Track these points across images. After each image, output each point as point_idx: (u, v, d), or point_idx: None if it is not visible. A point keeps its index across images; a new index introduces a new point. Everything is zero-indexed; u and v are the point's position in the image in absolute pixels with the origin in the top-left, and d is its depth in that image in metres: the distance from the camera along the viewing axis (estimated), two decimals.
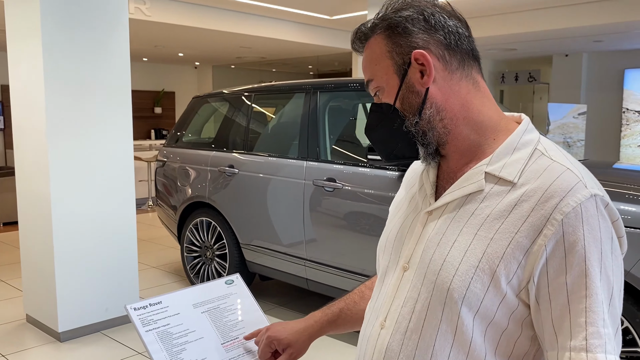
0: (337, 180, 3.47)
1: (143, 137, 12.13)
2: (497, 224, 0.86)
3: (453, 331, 0.87)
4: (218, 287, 1.26)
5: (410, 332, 0.91)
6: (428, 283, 0.90)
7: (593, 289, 0.80)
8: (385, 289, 0.99)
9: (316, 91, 3.84)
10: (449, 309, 0.87)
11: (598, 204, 0.82)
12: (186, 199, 4.54)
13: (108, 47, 3.71)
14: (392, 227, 1.05)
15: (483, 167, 0.90)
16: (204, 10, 7.40)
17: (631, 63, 10.26)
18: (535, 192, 0.84)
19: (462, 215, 0.90)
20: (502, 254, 0.84)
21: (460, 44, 0.93)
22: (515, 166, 0.88)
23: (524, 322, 0.87)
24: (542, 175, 0.85)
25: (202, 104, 4.88)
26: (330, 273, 3.55)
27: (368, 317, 1.02)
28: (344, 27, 9.15)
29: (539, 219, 0.82)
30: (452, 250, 0.89)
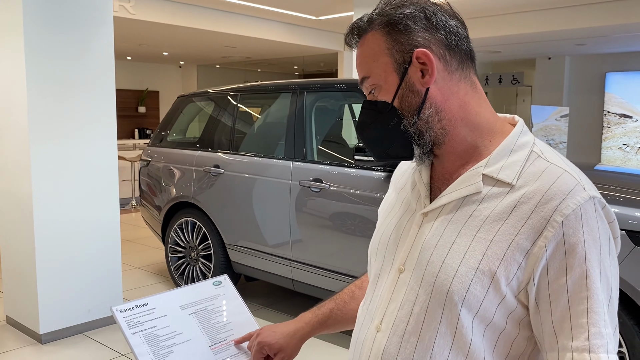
0: (324, 181, 3.47)
1: (126, 136, 12.01)
2: (496, 226, 0.86)
3: (452, 333, 0.87)
4: (206, 289, 1.24)
5: (408, 335, 0.90)
6: (426, 285, 0.89)
7: (594, 289, 0.81)
8: (380, 291, 0.97)
9: (303, 91, 3.83)
10: (449, 311, 0.86)
11: (596, 206, 0.83)
12: (171, 199, 4.50)
13: (92, 46, 3.66)
14: (384, 229, 1.03)
15: (480, 169, 0.90)
16: (188, 9, 7.35)
17: (612, 66, 10.41)
18: (534, 194, 0.84)
19: (460, 217, 0.89)
20: (502, 256, 0.84)
21: (460, 45, 0.92)
22: (513, 168, 0.88)
23: (521, 323, 0.87)
24: (540, 178, 0.85)
25: (187, 104, 4.85)
26: (316, 274, 3.54)
27: (362, 319, 1.00)
28: (330, 28, 9.15)
29: (539, 221, 0.82)
30: (450, 252, 0.88)
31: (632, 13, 6.86)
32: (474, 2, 7.04)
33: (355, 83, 3.56)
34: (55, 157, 3.55)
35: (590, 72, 10.67)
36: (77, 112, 3.63)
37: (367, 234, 3.23)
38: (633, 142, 10.26)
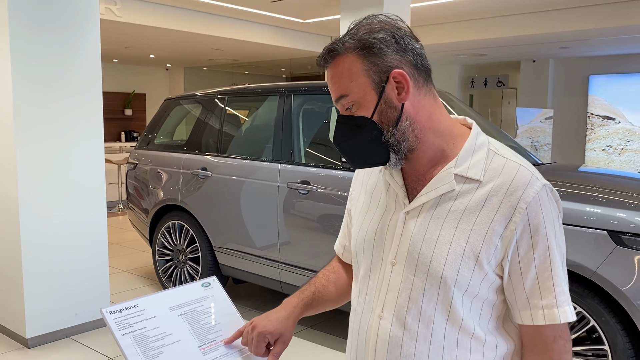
0: (311, 183, 3.49)
1: (113, 139, 11.94)
2: (473, 217, 1.02)
3: (447, 309, 1.03)
4: (194, 290, 1.26)
5: (410, 318, 1.05)
6: (420, 274, 1.04)
7: (554, 259, 1.02)
8: (374, 283, 1.11)
9: (290, 94, 3.85)
10: (444, 293, 1.03)
11: (547, 191, 1.03)
12: (158, 202, 4.49)
13: (78, 48, 3.65)
14: (366, 228, 1.15)
15: (451, 170, 1.05)
16: (175, 12, 7.33)
17: (595, 69, 10.56)
18: (500, 187, 1.02)
19: (440, 212, 1.05)
20: (482, 241, 1.01)
21: (424, 64, 1.06)
22: (478, 166, 1.05)
23: (498, 290, 1.06)
24: (502, 173, 1.03)
25: (175, 106, 4.84)
26: (304, 275, 3.55)
27: (360, 311, 1.14)
28: (317, 31, 9.18)
29: (507, 209, 1.01)
30: (438, 243, 1.03)
31: (614, 17, 6.97)
32: (459, 6, 7.11)
33: None
34: (41, 159, 3.54)
35: (574, 75, 10.81)
36: (64, 115, 3.62)
37: None
38: (616, 144, 10.40)
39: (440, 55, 10.23)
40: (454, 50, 9.53)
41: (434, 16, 7.78)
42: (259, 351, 1.21)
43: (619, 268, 2.41)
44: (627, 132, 10.27)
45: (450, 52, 9.70)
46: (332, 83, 1.05)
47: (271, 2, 6.95)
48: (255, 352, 1.20)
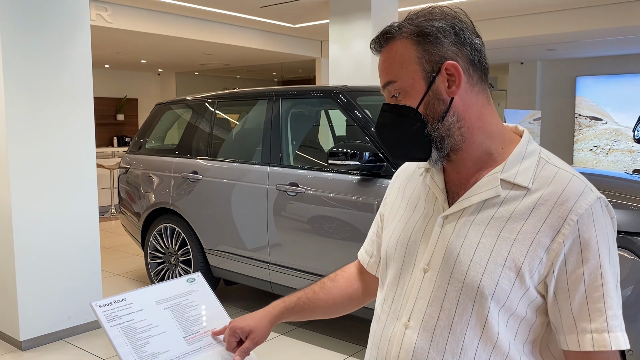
0: (300, 185, 3.56)
1: (105, 144, 11.97)
2: (518, 226, 0.95)
3: (482, 324, 0.96)
4: (180, 285, 1.33)
5: (440, 329, 0.98)
6: (455, 282, 0.98)
7: (607, 278, 0.92)
8: (402, 290, 1.05)
9: (279, 98, 3.92)
10: (479, 305, 0.95)
11: (602, 205, 0.95)
12: (150, 206, 4.55)
13: (69, 54, 3.71)
14: (400, 232, 1.10)
15: (498, 174, 0.99)
16: (166, 17, 7.40)
17: (582, 71, 10.70)
18: (550, 196, 0.95)
19: (482, 218, 0.98)
20: (526, 253, 0.94)
21: (481, 61, 1.01)
22: (527, 173, 0.98)
23: (538, 310, 0.98)
24: (553, 182, 0.96)
25: (165, 111, 4.91)
26: (294, 276, 3.62)
27: (384, 318, 1.08)
28: (307, 35, 9.27)
29: (556, 220, 0.93)
30: (477, 251, 0.97)
31: (600, 19, 7.09)
32: None
33: (329, 90, 3.66)
34: (34, 163, 3.59)
35: (561, 77, 10.95)
36: (55, 120, 3.68)
37: (342, 236, 3.33)
38: (603, 144, 10.55)
39: None
40: None
41: None
42: (228, 345, 1.24)
43: None
44: (614, 133, 10.42)
45: None
46: (383, 68, 1.01)
47: (261, 7, 7.03)
48: (226, 346, 1.25)
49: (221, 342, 1.27)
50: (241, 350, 1.22)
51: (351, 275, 1.32)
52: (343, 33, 6.47)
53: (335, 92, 3.60)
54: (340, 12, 6.49)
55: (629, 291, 2.44)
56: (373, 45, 1.02)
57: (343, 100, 3.53)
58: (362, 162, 3.16)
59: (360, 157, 3.17)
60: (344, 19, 6.45)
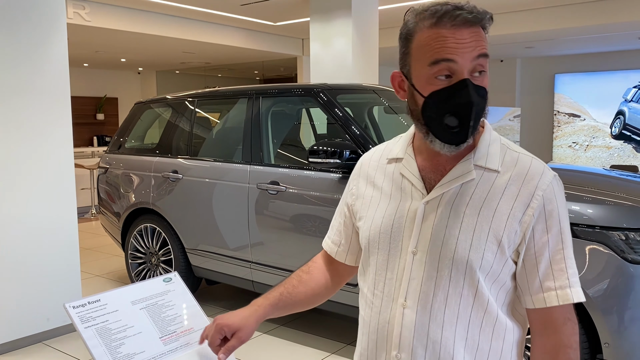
0: (281, 183, 3.55)
1: (85, 144, 11.83)
2: (494, 204, 1.08)
3: (474, 294, 1.07)
4: (156, 285, 1.32)
5: (437, 304, 1.07)
6: (445, 260, 1.07)
7: (566, 242, 1.09)
8: (393, 274, 1.12)
9: (259, 96, 3.91)
10: (470, 277, 1.06)
11: (558, 181, 1.11)
12: (130, 206, 4.51)
13: (45, 52, 3.66)
14: (381, 220, 1.15)
15: (471, 160, 1.10)
16: (145, 16, 7.33)
17: (561, 68, 10.84)
18: (518, 176, 1.09)
19: (461, 201, 1.09)
20: (504, 227, 1.06)
21: None
22: (495, 158, 1.11)
23: (512, 276, 1.11)
24: (517, 164, 1.10)
25: (145, 110, 4.86)
26: (276, 274, 3.62)
27: (379, 303, 1.14)
28: (288, 33, 9.25)
29: (526, 196, 1.07)
30: (461, 230, 1.07)
31: (578, 17, 7.19)
32: None
33: (309, 88, 3.66)
34: (9, 163, 3.53)
35: (540, 74, 11.08)
36: (31, 119, 3.62)
37: (324, 234, 3.33)
38: (582, 140, 10.70)
39: None
40: None
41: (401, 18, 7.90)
42: (212, 342, 1.22)
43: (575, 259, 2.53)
44: (592, 129, 10.57)
45: None
46: (477, 39, 1.03)
47: (241, 5, 7.00)
48: (210, 342, 1.23)
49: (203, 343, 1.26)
50: (226, 348, 1.21)
51: (322, 265, 1.37)
52: (324, 31, 6.47)
53: (315, 90, 3.60)
54: (320, 10, 6.48)
55: (605, 284, 2.48)
56: (465, 14, 1.02)
57: (323, 99, 3.53)
58: (342, 160, 3.17)
59: (341, 155, 3.17)
60: (325, 17, 6.44)
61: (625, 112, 10.09)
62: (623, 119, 10.15)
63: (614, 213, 2.57)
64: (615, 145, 10.28)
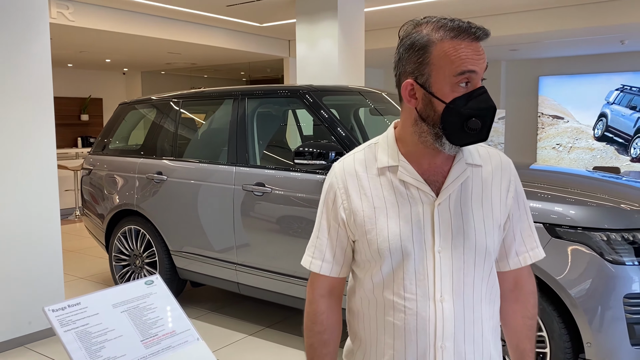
0: (266, 185, 3.54)
1: (69, 145, 11.70)
2: (488, 194, 1.25)
3: (488, 273, 1.24)
4: (138, 288, 1.31)
5: (468, 291, 1.21)
6: (469, 252, 1.21)
7: (529, 212, 1.33)
8: (423, 275, 1.20)
9: (244, 97, 3.90)
10: (488, 262, 1.23)
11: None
12: (114, 207, 4.47)
13: (27, 52, 3.61)
14: (398, 227, 1.20)
15: (463, 160, 1.23)
16: (130, 16, 7.28)
17: (545, 71, 10.94)
18: (496, 167, 1.27)
19: (465, 197, 1.22)
20: (500, 210, 1.25)
21: None
22: (475, 154, 1.26)
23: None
24: (490, 157, 1.28)
25: (129, 111, 4.83)
26: (261, 276, 3.61)
27: (414, 305, 1.19)
28: (274, 35, 9.24)
29: (506, 182, 1.27)
30: (475, 223, 1.21)
31: (562, 20, 7.26)
32: (411, 10, 7.28)
33: (295, 89, 3.66)
34: None
35: (525, 76, 11.18)
36: (13, 120, 3.57)
37: (309, 235, 3.32)
38: (565, 142, 10.81)
39: None
40: None
41: (387, 20, 7.94)
42: None
43: (554, 259, 2.55)
44: (575, 131, 10.69)
45: None
46: (482, 54, 1.16)
47: (227, 6, 6.98)
48: None
49: (182, 343, 1.26)
50: None
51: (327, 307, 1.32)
52: (310, 33, 6.48)
53: (301, 92, 3.60)
54: (306, 11, 6.49)
55: (587, 284, 2.50)
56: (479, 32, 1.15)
57: (309, 100, 3.53)
58: (328, 161, 3.17)
59: (327, 156, 3.17)
60: (311, 19, 6.45)
61: (608, 114, 10.21)
62: (605, 121, 10.27)
63: (595, 214, 2.60)
64: (598, 147, 10.40)
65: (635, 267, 2.50)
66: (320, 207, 1.32)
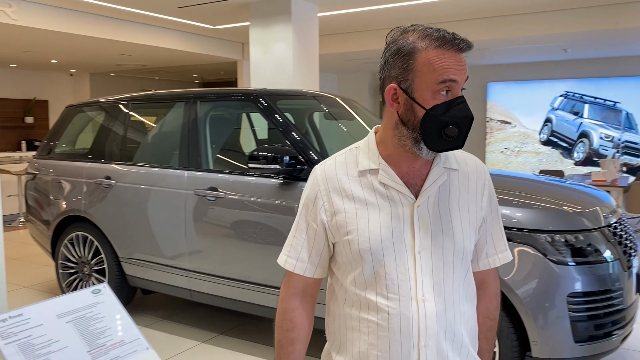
0: (220, 189, 3.50)
1: (12, 148, 11.25)
2: (465, 195, 1.29)
3: (465, 271, 1.29)
4: (84, 297, 1.27)
5: (449, 289, 1.24)
6: (448, 253, 1.24)
7: (500, 217, 1.39)
8: (404, 275, 1.22)
9: (196, 100, 3.85)
10: (466, 261, 1.28)
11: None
12: (60, 213, 4.32)
13: None
14: (378, 228, 1.23)
15: (441, 164, 1.27)
16: (77, 16, 7.07)
17: (493, 77, 11.28)
18: (472, 171, 1.32)
19: (443, 199, 1.26)
20: (475, 213, 1.30)
21: None
22: (451, 159, 1.30)
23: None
24: (466, 162, 1.33)
25: (77, 113, 4.68)
26: (215, 283, 3.56)
27: (396, 305, 1.22)
28: (228, 37, 9.16)
29: (481, 186, 1.32)
30: (453, 223, 1.25)
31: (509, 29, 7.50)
32: (364, 16, 7.37)
33: (249, 93, 3.63)
34: None
35: (474, 82, 11.49)
36: None
37: (264, 240, 3.31)
38: (513, 146, 11.17)
39: (350, 64, 10.52)
40: (362, 59, 9.84)
41: (341, 25, 8.01)
42: None
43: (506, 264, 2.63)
44: (522, 136, 11.05)
45: (359, 60, 10.00)
46: (463, 65, 1.20)
47: (179, 7, 6.87)
48: None
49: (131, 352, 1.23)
50: None
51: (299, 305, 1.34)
52: (264, 36, 6.46)
53: (254, 95, 3.58)
54: (260, 14, 6.47)
55: (533, 285, 2.59)
56: (462, 44, 1.19)
57: (263, 104, 3.52)
58: (282, 165, 3.16)
59: (281, 160, 3.16)
60: (265, 22, 6.43)
61: (553, 119, 10.61)
62: (551, 125, 10.66)
63: (540, 216, 2.70)
64: (544, 151, 10.79)
65: (577, 267, 2.60)
66: (300, 207, 1.34)
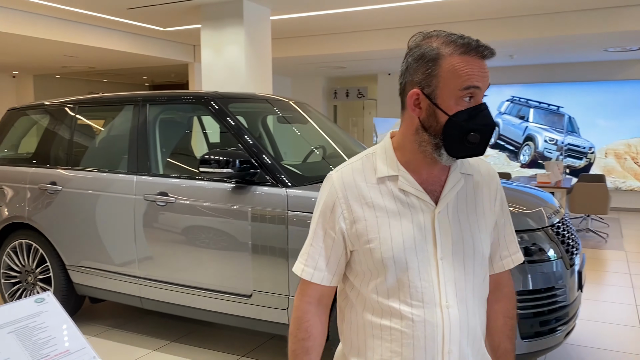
0: (170, 194, 3.44)
1: None
2: (480, 201, 1.31)
3: (485, 275, 1.31)
4: (27, 306, 1.21)
5: (471, 295, 1.25)
6: (469, 259, 1.25)
7: (511, 219, 1.41)
8: (427, 282, 1.22)
9: (145, 104, 3.76)
10: (485, 266, 1.30)
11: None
12: (2, 220, 4.14)
13: None
14: (401, 236, 1.22)
15: (458, 170, 1.28)
16: (20, 16, 6.80)
17: None
18: (485, 176, 1.34)
19: (462, 205, 1.28)
20: (490, 219, 1.32)
21: None
22: (466, 164, 1.32)
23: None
24: (477, 167, 1.34)
25: (20, 117, 4.50)
26: (166, 289, 3.48)
27: (421, 312, 1.21)
28: (179, 39, 9.02)
29: (493, 190, 1.35)
30: (472, 229, 1.27)
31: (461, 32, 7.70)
32: (317, 20, 7.41)
33: (200, 96, 3.58)
34: None
35: None
36: None
37: (217, 245, 3.26)
38: None
39: (304, 67, 10.55)
40: (315, 63, 9.88)
41: (295, 29, 8.02)
42: None
43: None
44: None
45: (313, 64, 10.05)
46: (486, 73, 1.19)
47: (128, 9, 6.72)
48: None
49: None
50: None
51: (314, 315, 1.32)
52: (216, 39, 6.39)
53: (206, 98, 3.53)
54: (212, 17, 6.40)
55: None
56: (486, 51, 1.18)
57: (214, 107, 3.47)
58: (235, 169, 3.12)
59: (233, 164, 3.13)
60: (216, 25, 6.37)
61: (500, 123, 10.95)
62: (498, 129, 11.01)
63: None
64: (491, 154, 11.11)
65: (522, 265, 2.68)
66: (316, 215, 1.31)
